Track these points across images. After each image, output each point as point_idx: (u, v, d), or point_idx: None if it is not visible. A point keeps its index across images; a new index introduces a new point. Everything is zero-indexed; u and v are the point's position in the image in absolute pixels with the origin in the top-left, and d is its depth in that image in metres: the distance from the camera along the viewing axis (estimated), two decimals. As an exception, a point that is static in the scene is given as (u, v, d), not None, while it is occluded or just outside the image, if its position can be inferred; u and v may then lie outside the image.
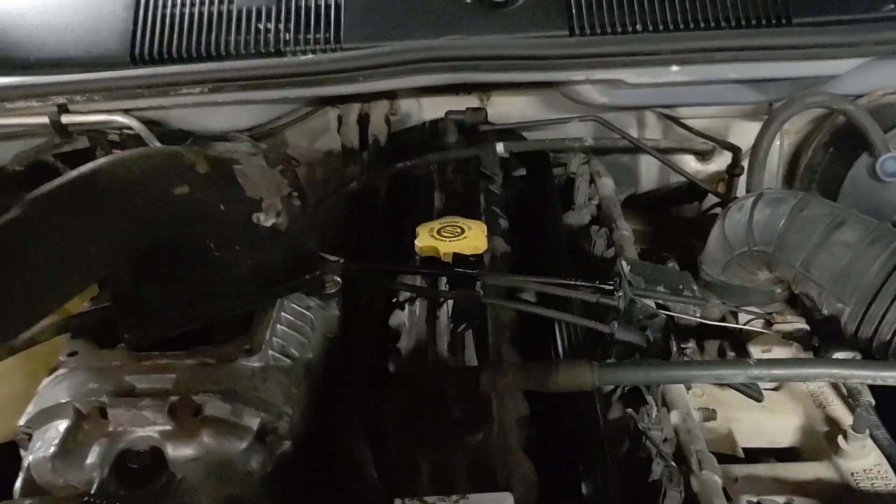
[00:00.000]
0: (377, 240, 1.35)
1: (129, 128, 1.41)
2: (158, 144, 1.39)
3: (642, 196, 1.70)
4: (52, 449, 0.87)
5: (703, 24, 1.34)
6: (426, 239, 1.17)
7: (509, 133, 1.56)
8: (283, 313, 1.04)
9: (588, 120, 1.46)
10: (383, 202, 1.46)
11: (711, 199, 1.58)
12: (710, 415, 1.12)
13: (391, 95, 1.69)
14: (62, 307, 0.92)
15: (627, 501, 0.89)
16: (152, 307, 0.98)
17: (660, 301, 1.13)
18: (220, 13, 1.44)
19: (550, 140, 1.46)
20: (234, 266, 1.00)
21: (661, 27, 1.34)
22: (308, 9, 1.42)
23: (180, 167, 0.96)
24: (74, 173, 0.91)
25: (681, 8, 1.34)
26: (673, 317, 1.12)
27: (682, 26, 1.34)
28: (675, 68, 1.30)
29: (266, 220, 1.03)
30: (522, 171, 1.56)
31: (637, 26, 1.35)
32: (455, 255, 1.11)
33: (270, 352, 0.98)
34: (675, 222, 1.68)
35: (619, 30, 1.35)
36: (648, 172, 1.69)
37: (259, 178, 1.06)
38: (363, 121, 1.65)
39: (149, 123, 1.41)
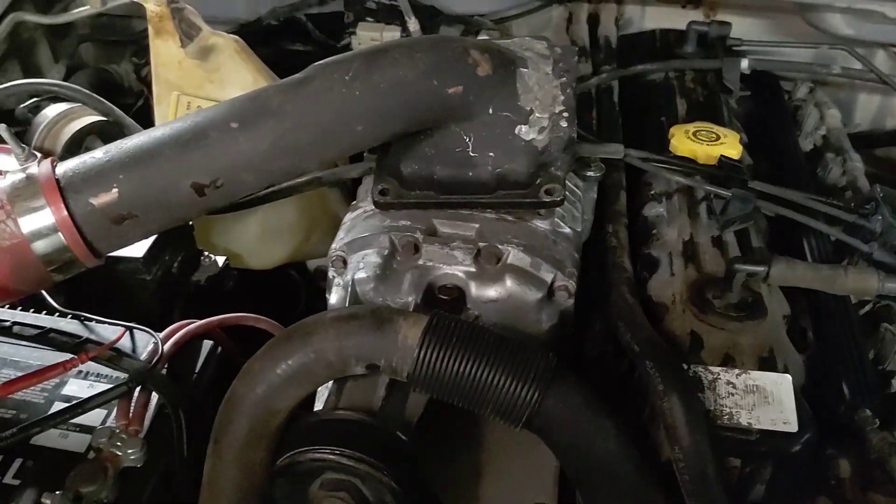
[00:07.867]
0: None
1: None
2: (414, 21, 1.45)
3: (854, 135, 1.69)
4: (376, 271, 0.97)
5: None
6: (683, 140, 1.21)
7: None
8: (561, 187, 1.10)
9: (838, 49, 1.46)
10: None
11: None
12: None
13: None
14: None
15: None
16: (404, 180, 1.01)
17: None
18: None
19: (798, 63, 1.46)
20: (484, 168, 1.00)
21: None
22: None
23: (461, 67, 0.95)
24: (362, 51, 0.97)
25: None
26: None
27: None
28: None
29: (527, 133, 1.00)
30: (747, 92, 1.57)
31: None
32: (722, 157, 1.15)
33: (556, 219, 1.05)
34: (886, 165, 1.67)
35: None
36: (864, 112, 1.69)
37: (537, 88, 1.03)
38: (592, 21, 1.68)
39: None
